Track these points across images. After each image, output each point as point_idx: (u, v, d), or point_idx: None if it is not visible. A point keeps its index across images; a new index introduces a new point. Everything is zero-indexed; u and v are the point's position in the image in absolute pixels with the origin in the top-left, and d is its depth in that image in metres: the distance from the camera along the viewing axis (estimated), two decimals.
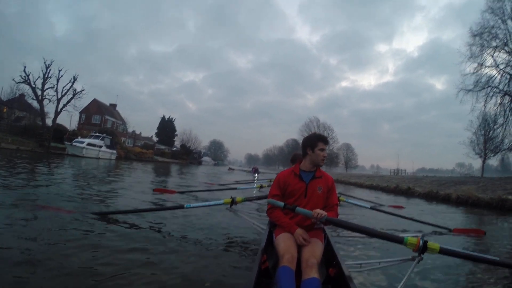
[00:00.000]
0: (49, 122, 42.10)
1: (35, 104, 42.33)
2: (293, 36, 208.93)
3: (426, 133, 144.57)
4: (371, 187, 28.98)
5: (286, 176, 3.27)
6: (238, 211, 5.19)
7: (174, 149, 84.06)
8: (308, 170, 3.25)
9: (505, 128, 30.48)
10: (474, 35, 29.14)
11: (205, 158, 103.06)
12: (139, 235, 4.75)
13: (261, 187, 10.23)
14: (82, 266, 3.29)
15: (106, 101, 72.80)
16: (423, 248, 2.42)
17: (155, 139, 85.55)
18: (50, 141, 33.36)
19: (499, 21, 27.78)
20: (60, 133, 38.35)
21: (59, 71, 41.05)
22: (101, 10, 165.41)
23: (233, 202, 5.01)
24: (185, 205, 5.51)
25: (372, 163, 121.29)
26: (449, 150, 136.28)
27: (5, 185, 8.02)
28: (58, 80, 41.10)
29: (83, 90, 43.66)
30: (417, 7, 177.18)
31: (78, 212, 5.64)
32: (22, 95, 44.23)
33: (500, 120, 30.76)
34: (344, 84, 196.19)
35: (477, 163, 54.20)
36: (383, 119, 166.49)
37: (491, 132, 38.17)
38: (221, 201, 5.14)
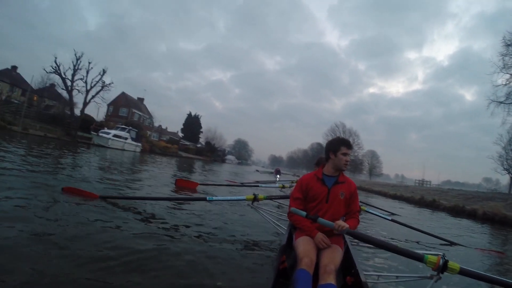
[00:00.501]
0: (77, 112, 43.17)
1: (64, 94, 43.38)
2: (322, 40, 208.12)
3: (453, 144, 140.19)
4: (395, 197, 27.97)
5: (309, 179, 3.23)
6: (259, 208, 5.18)
7: (198, 145, 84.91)
8: (331, 175, 3.20)
9: None
10: (508, 45, 27.91)
11: (229, 157, 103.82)
12: (156, 224, 4.82)
13: (283, 187, 10.11)
14: (94, 249, 3.38)
15: (134, 95, 74.45)
16: (443, 268, 2.37)
17: (180, 134, 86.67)
18: (77, 130, 34.40)
19: None
20: (87, 123, 39.53)
21: (89, 63, 41.96)
22: (132, 7, 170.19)
23: (255, 199, 4.96)
24: (207, 198, 5.55)
25: (397, 172, 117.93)
26: (476, 163, 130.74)
27: (32, 169, 8.28)
28: (87, 72, 41.93)
29: (112, 83, 44.47)
30: (448, 15, 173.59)
31: (100, 197, 5.78)
32: (52, 85, 45.74)
33: None
34: (372, 90, 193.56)
35: (504, 179, 52.13)
36: (411, 127, 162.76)
37: None
38: (243, 197, 5.15)
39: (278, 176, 24.33)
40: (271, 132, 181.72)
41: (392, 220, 7.69)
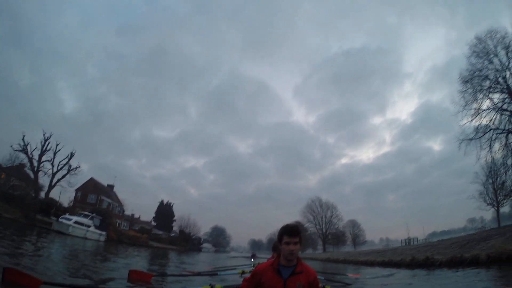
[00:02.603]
0: (43, 195, 41.90)
1: (32, 175, 42.43)
2: (290, 119, 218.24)
3: (431, 196, 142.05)
4: (383, 264, 26.07)
5: (264, 270, 3.14)
6: None
7: (172, 234, 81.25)
8: (287, 265, 3.08)
9: None
10: (465, 81, 29.22)
11: (205, 245, 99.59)
12: None
13: (243, 272, 9.76)
14: None
15: (107, 181, 73.03)
16: None
17: (153, 223, 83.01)
18: (36, 213, 32.46)
19: (486, 62, 28.24)
20: (49, 207, 37.93)
21: (57, 145, 42.34)
22: (109, 93, 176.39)
23: None
24: None
25: (381, 236, 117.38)
26: (457, 207, 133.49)
27: None
28: (55, 153, 42.60)
29: (79, 167, 44.85)
30: (404, 75, 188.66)
31: (44, 283, 5.39)
32: (22, 165, 44.81)
33: (510, 162, 29.07)
34: (343, 161, 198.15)
35: (488, 214, 53.94)
36: (387, 189, 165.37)
37: (500, 177, 36.99)
38: None
39: (253, 259, 22.99)
40: (249, 215, 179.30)
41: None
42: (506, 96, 27.58)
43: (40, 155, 41.32)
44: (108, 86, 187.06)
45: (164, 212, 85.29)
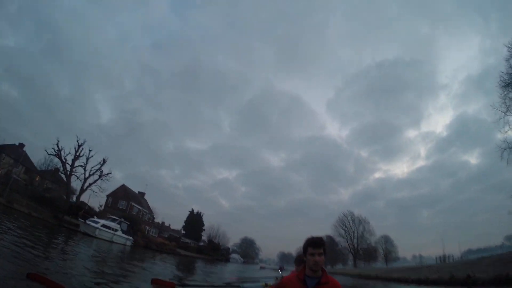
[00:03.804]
0: (75, 198, 43.51)
1: (65, 179, 44.08)
2: (323, 133, 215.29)
3: (467, 212, 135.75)
4: (419, 282, 24.59)
5: (290, 280, 3.21)
6: None
7: (201, 244, 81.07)
8: (312, 275, 3.10)
9: None
10: (506, 85, 26.79)
11: (234, 255, 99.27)
12: None
13: (266, 285, 9.67)
14: None
15: (139, 190, 74.56)
16: None
17: (182, 232, 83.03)
18: (64, 214, 32.78)
19: None
20: (79, 210, 38.85)
21: (90, 151, 43.61)
22: (144, 106, 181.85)
23: None
24: None
25: (414, 253, 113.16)
26: (494, 224, 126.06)
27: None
28: (87, 159, 43.76)
29: (110, 173, 46.37)
30: (439, 87, 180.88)
31: None
32: (56, 169, 47.06)
33: None
34: (377, 175, 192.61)
35: None
36: (421, 205, 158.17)
37: None
38: None
39: (280, 271, 22.43)
40: (280, 228, 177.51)
41: None
42: None
43: (73, 160, 42.27)
44: (143, 99, 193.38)
45: (194, 221, 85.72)
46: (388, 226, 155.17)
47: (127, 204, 61.86)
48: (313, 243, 3.13)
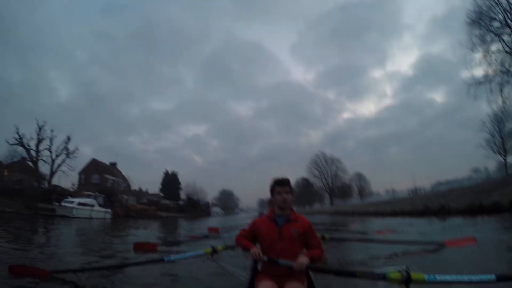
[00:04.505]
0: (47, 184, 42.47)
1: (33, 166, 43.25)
2: (289, 78, 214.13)
3: (435, 147, 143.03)
4: (394, 214, 25.81)
5: (261, 221, 3.42)
6: (219, 260, 5.07)
7: (180, 203, 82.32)
8: (281, 214, 3.31)
9: None
10: (473, 22, 27.62)
11: (214, 209, 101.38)
12: None
13: None
14: None
15: (110, 161, 72.82)
16: (407, 281, 2.36)
17: (161, 195, 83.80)
18: (37, 202, 32.50)
19: (492, 1, 26.58)
20: (52, 194, 37.50)
21: (51, 131, 41.56)
22: (102, 75, 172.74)
23: (214, 251, 4.94)
24: (164, 258, 5.27)
25: (387, 188, 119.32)
26: (460, 158, 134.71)
27: None
28: (51, 140, 41.75)
29: (77, 149, 44.66)
30: (403, 27, 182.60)
31: (51, 273, 5.26)
32: (23, 159, 45.16)
33: None
34: (345, 115, 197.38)
35: (492, 164, 54.65)
36: (390, 142, 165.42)
37: (506, 125, 37.39)
38: (202, 252, 5.06)
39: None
40: (256, 176, 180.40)
41: (359, 240, 8.21)
42: None
43: (37, 144, 41.32)
44: (100, 68, 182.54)
45: (170, 182, 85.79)
46: (360, 164, 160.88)
47: (100, 178, 61.13)
48: (279, 182, 3.31)
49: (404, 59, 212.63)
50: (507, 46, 26.80)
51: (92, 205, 35.18)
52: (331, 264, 5.53)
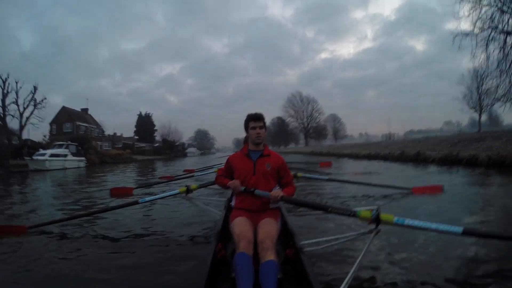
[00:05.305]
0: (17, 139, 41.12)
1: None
2: (266, 14, 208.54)
3: (411, 95, 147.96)
4: (369, 157, 26.14)
5: (236, 157, 3.48)
6: (194, 199, 5.12)
7: (156, 145, 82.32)
8: (255, 149, 3.37)
9: (508, 75, 27.19)
10: None
11: (191, 149, 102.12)
12: (89, 239, 4.82)
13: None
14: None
15: (83, 107, 70.86)
16: (376, 220, 2.48)
17: (136, 138, 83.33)
18: (8, 159, 31.14)
19: None
20: (22, 149, 36.07)
21: (16, 83, 39.68)
22: (65, 16, 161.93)
23: (188, 190, 4.89)
24: (139, 200, 5.35)
25: (361, 131, 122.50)
26: (435, 109, 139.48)
27: None
28: (17, 93, 39.94)
29: (45, 98, 43.05)
30: None
31: (29, 228, 5.35)
32: None
33: (503, 67, 27.19)
34: (323, 55, 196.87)
35: (464, 119, 55.92)
36: (367, 85, 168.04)
37: (486, 83, 37.63)
38: (176, 191, 5.04)
39: None
40: (231, 115, 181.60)
41: (329, 179, 8.29)
42: None
43: (3, 100, 39.41)
44: (62, 9, 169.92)
45: (144, 124, 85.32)
46: (336, 105, 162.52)
47: (72, 126, 59.72)
48: (254, 117, 3.34)
49: (387, 2, 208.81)
50: (500, 1, 25.77)
51: (65, 155, 34.57)
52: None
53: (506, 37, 26.44)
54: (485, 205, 6.55)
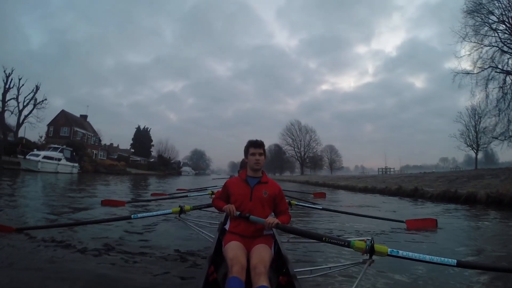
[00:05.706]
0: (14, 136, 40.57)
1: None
2: (271, 42, 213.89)
3: (408, 130, 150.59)
4: (365, 190, 25.50)
5: (234, 182, 3.48)
6: (187, 220, 5.00)
7: (151, 160, 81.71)
8: (253, 176, 3.39)
9: (506, 114, 28.05)
10: (470, 12, 27.33)
11: (185, 168, 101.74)
12: (78, 250, 4.57)
13: (213, 193, 9.49)
14: None
15: (82, 113, 71.03)
16: (370, 251, 2.47)
17: (132, 150, 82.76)
18: (1, 155, 31.00)
19: None
20: (16, 147, 36.19)
21: (19, 79, 39.44)
22: (76, 21, 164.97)
23: (182, 211, 4.80)
24: (132, 216, 5.19)
25: (357, 164, 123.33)
26: (431, 145, 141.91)
27: None
28: (19, 89, 39.73)
29: (45, 99, 42.71)
30: (394, 7, 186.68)
31: (16, 230, 5.24)
32: None
33: (502, 106, 28.09)
34: (324, 87, 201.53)
35: (460, 156, 56.56)
36: (365, 119, 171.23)
37: (484, 121, 38.75)
38: (169, 211, 4.96)
39: None
40: (229, 139, 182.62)
41: (323, 209, 8.01)
42: (509, 37, 26.13)
43: (4, 94, 39.14)
44: (74, 14, 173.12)
45: (142, 138, 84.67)
46: (333, 137, 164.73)
47: (69, 130, 59.40)
48: (254, 144, 3.39)
49: (390, 39, 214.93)
50: (501, 41, 26.74)
51: (59, 159, 34.16)
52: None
53: (506, 77, 27.21)
54: (482, 239, 6.50)
